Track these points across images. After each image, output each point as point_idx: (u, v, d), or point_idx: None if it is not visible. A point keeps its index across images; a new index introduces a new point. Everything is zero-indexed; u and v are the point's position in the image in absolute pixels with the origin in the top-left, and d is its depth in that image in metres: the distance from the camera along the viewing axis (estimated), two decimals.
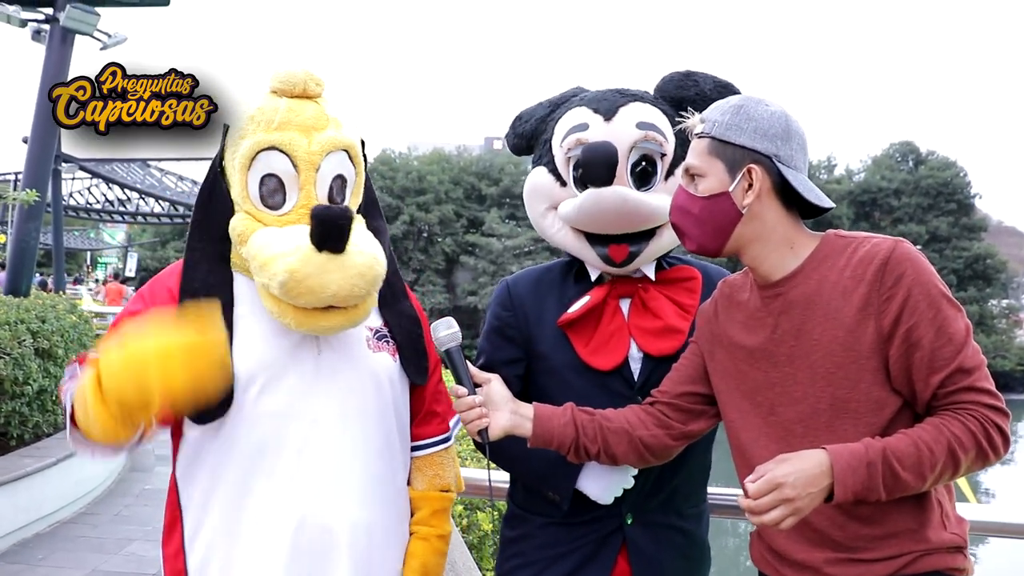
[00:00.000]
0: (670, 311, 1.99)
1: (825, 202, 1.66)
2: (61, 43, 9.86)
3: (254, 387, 1.73)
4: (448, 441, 2.03)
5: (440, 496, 1.99)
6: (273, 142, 1.74)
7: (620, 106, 1.99)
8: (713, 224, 1.67)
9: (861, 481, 1.47)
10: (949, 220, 37.56)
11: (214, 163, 1.81)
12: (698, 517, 2.10)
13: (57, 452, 6.51)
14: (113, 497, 7.30)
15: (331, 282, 1.63)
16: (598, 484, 1.92)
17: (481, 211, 38.34)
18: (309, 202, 1.76)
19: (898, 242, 1.59)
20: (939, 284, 1.57)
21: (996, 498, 17.42)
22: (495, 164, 40.37)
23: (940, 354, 1.53)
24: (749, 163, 1.63)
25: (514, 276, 2.18)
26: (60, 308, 7.68)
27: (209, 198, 1.82)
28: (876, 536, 1.58)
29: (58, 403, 7.09)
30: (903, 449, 1.49)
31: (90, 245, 51.63)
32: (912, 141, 41.39)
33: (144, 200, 27.37)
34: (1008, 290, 40.77)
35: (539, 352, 2.04)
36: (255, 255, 1.69)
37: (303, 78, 1.80)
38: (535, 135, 2.15)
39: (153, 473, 8.19)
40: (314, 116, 1.79)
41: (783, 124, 1.65)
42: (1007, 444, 1.53)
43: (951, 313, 1.55)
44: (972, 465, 1.52)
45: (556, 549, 2.00)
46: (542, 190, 2.08)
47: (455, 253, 37.33)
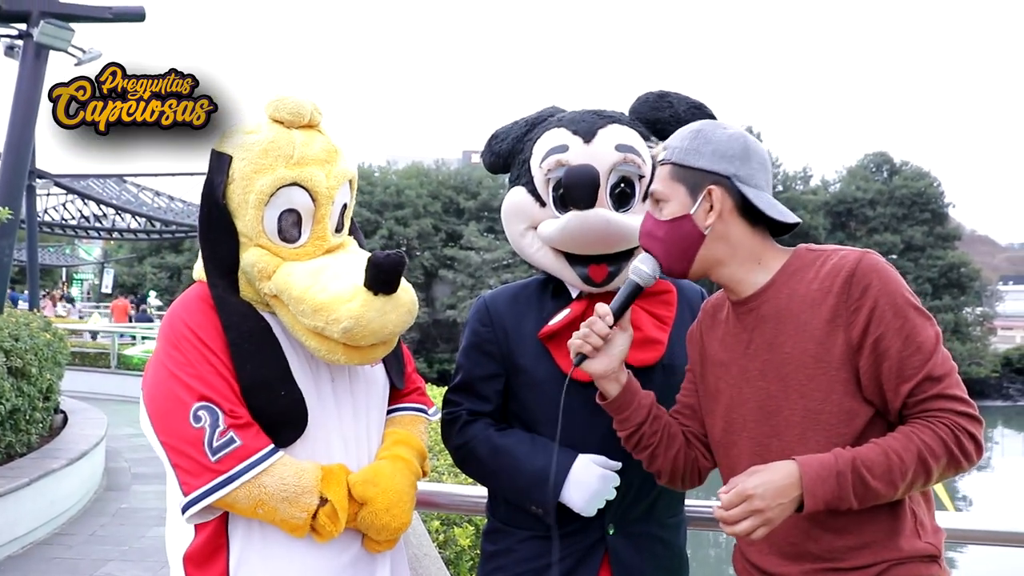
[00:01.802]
0: (648, 323, 2.01)
1: (789, 218, 1.69)
2: (35, 59, 9.79)
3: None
4: (426, 414, 2.12)
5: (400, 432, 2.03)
6: (295, 178, 1.76)
7: (599, 128, 2.01)
8: (678, 247, 1.70)
9: (831, 490, 1.49)
10: (923, 229, 37.89)
11: (212, 193, 1.79)
12: (677, 527, 2.12)
13: (31, 472, 6.44)
14: (89, 517, 7.22)
15: (389, 322, 1.72)
16: (582, 496, 1.92)
17: (459, 225, 38.28)
18: (324, 234, 1.83)
19: (865, 253, 1.60)
20: (906, 293, 1.58)
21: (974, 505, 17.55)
22: (473, 178, 40.33)
23: (909, 363, 1.54)
24: (709, 185, 1.66)
25: (491, 293, 2.20)
26: (34, 326, 7.60)
27: (209, 230, 1.81)
28: (850, 546, 1.59)
29: (32, 422, 7.03)
30: (873, 458, 1.50)
31: (66, 261, 51.10)
32: (886, 152, 41.76)
33: (120, 216, 27.04)
34: (982, 298, 41.00)
35: (519, 366, 2.05)
36: (301, 297, 1.71)
37: (310, 109, 1.83)
38: (512, 154, 2.16)
39: (129, 492, 8.14)
40: (326, 149, 1.83)
41: (741, 145, 1.68)
42: (980, 451, 1.54)
43: (919, 322, 1.56)
44: (945, 472, 1.53)
45: (539, 562, 1.99)
46: (521, 210, 2.09)
47: (434, 267, 37.23)
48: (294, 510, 1.69)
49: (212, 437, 1.65)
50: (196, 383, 1.69)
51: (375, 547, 1.84)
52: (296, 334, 1.77)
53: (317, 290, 1.71)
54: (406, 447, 1.95)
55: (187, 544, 1.77)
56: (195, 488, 1.65)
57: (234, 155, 1.78)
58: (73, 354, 12.03)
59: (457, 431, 2.07)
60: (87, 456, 7.55)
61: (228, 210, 1.79)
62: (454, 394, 2.12)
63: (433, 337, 34.53)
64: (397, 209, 37.87)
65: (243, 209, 1.77)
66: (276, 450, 1.71)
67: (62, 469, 6.86)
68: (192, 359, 1.72)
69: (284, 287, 1.74)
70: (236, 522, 1.76)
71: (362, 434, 1.90)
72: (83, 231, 29.31)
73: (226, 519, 1.76)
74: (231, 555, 1.75)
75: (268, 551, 1.76)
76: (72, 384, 10.23)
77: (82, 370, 15.32)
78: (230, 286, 1.80)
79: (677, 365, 2.00)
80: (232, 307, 1.78)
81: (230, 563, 1.75)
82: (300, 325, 1.74)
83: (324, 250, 1.84)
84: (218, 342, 1.74)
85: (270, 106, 1.82)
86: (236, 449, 1.66)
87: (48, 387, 7.43)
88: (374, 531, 1.79)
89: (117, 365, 16.33)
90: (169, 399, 1.70)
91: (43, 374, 7.11)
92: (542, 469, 1.93)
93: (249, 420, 1.71)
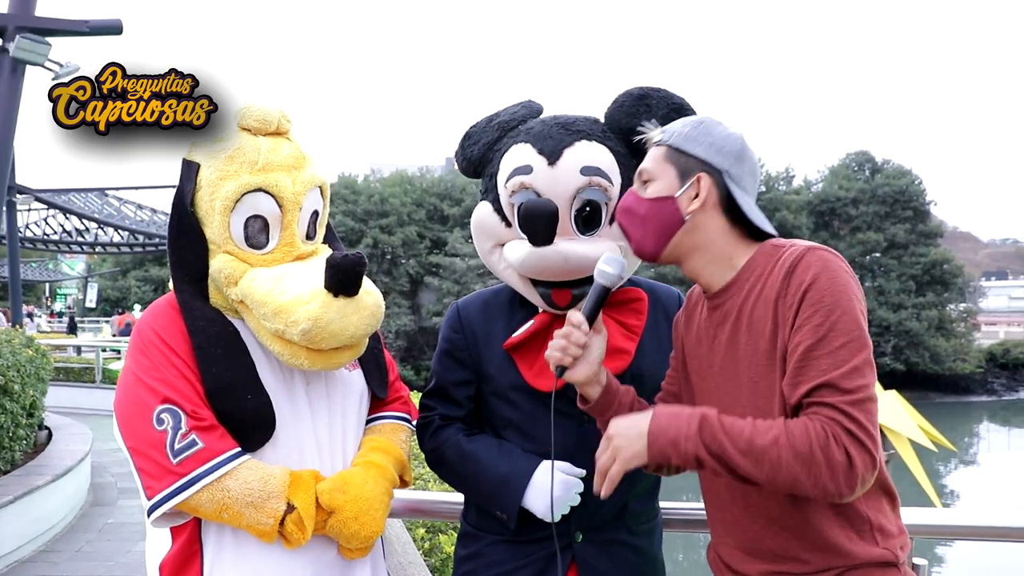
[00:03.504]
0: (616, 332, 1.99)
1: (767, 227, 1.67)
2: (11, 74, 9.75)
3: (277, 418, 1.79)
4: (408, 423, 2.12)
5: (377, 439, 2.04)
6: (260, 184, 1.77)
7: (564, 147, 1.96)
8: (655, 227, 1.69)
9: (673, 427, 1.51)
10: (906, 227, 38.09)
11: (181, 201, 1.80)
12: (650, 533, 2.11)
13: (15, 489, 6.39)
14: (75, 533, 7.16)
15: (350, 324, 1.70)
16: (543, 502, 1.91)
17: (444, 231, 38.28)
18: (292, 240, 1.83)
19: (809, 248, 1.56)
20: (840, 294, 1.49)
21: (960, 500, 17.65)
22: (457, 184, 40.34)
23: (815, 364, 1.47)
24: (700, 172, 1.65)
25: (464, 299, 2.20)
26: (16, 342, 7.54)
27: (178, 237, 1.81)
28: (805, 548, 1.58)
29: (16, 440, 6.98)
30: (732, 421, 1.49)
31: (49, 276, 50.85)
32: (868, 151, 41.87)
33: (103, 230, 26.93)
34: (965, 294, 41.27)
35: (487, 374, 2.06)
36: (263, 300, 1.72)
37: (277, 116, 1.85)
38: (482, 163, 2.14)
39: (116, 507, 8.08)
40: (292, 155, 1.84)
41: (738, 146, 1.68)
42: (852, 478, 1.42)
43: (844, 326, 1.47)
44: (802, 473, 1.43)
45: (504, 567, 2.00)
46: (488, 228, 2.09)
47: (419, 274, 37.22)
48: (260, 515, 1.67)
49: (174, 439, 1.65)
50: (160, 386, 1.69)
51: (349, 554, 1.84)
52: (262, 339, 1.77)
53: (278, 293, 1.71)
54: (382, 454, 1.94)
55: (164, 552, 1.78)
56: (157, 492, 1.64)
57: (202, 163, 1.80)
58: (57, 369, 11.97)
59: (430, 435, 2.09)
60: (72, 472, 7.50)
61: (197, 217, 1.80)
62: (428, 399, 2.13)
63: (420, 344, 34.46)
64: (381, 217, 37.84)
65: (210, 216, 1.78)
66: (241, 453, 1.70)
67: (47, 485, 6.81)
68: (157, 363, 1.72)
69: (248, 291, 1.75)
70: (209, 529, 1.77)
71: (337, 441, 1.89)
72: (66, 246, 29.20)
73: (199, 526, 1.77)
74: (204, 562, 1.76)
75: (241, 557, 1.75)
76: (56, 400, 10.15)
77: (66, 385, 15.23)
78: (199, 293, 1.81)
79: (645, 375, 2.00)
80: (198, 312, 1.79)
81: (204, 570, 1.75)
82: (264, 329, 1.74)
83: (293, 256, 1.84)
84: (183, 346, 1.74)
85: (237, 113, 1.83)
86: (198, 452, 1.65)
87: (31, 403, 7.37)
88: (344, 539, 1.78)
89: (102, 380, 16.21)
90: (134, 403, 1.70)
91: (26, 390, 7.06)
92: (506, 474, 1.95)
93: (213, 423, 1.70)
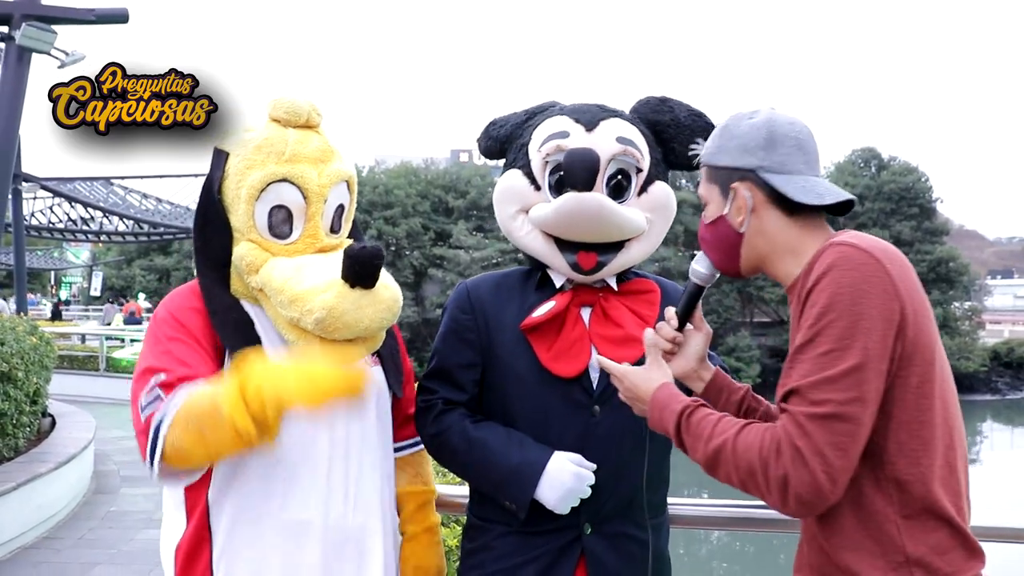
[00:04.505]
0: (630, 321, 1.99)
1: (826, 199, 1.57)
2: (17, 62, 9.75)
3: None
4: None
5: (423, 490, 2.13)
6: (285, 174, 1.79)
7: (601, 119, 2.03)
8: (721, 248, 1.69)
9: (659, 420, 1.63)
10: (911, 224, 38.00)
11: (209, 188, 1.83)
12: (658, 528, 2.08)
13: (17, 476, 6.41)
14: (77, 521, 7.18)
15: (365, 316, 1.70)
16: (555, 494, 1.89)
17: (448, 224, 38.25)
18: (316, 232, 1.84)
19: (831, 244, 1.49)
20: (841, 297, 1.40)
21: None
22: (462, 177, 40.38)
23: (796, 368, 1.42)
24: (733, 182, 1.62)
25: (473, 280, 2.17)
26: (20, 330, 7.55)
27: (204, 224, 1.84)
28: (833, 567, 1.50)
29: (19, 427, 7.00)
30: (699, 419, 1.55)
31: (54, 265, 50.85)
32: (874, 147, 41.78)
33: (108, 219, 26.88)
34: (970, 292, 41.19)
35: (498, 357, 2.02)
36: (280, 288, 1.73)
37: (308, 109, 1.85)
38: (510, 139, 2.15)
39: (119, 495, 8.09)
40: (320, 148, 1.85)
41: (764, 133, 1.60)
42: (785, 495, 1.37)
43: (833, 332, 1.39)
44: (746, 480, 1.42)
45: (513, 560, 1.97)
46: (514, 192, 2.07)
47: (423, 266, 37.20)
48: (221, 434, 1.55)
49: (142, 399, 1.67)
50: (155, 361, 1.71)
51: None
52: (280, 327, 1.77)
53: (295, 281, 1.72)
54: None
55: (178, 536, 1.80)
56: (143, 455, 1.65)
57: (231, 152, 1.83)
58: (61, 357, 11.98)
59: (431, 420, 2.04)
60: (75, 459, 7.51)
61: (223, 205, 1.83)
62: (429, 381, 2.09)
63: (423, 336, 34.40)
64: (386, 209, 37.83)
65: (236, 204, 1.80)
66: (185, 388, 1.64)
67: (50, 473, 6.82)
68: (161, 336, 1.75)
69: (267, 279, 1.76)
70: (219, 511, 1.77)
71: (355, 434, 1.88)
72: (71, 234, 29.22)
73: (207, 509, 1.77)
74: (214, 545, 1.77)
75: (251, 542, 1.76)
76: (60, 387, 10.17)
77: (70, 373, 15.24)
78: (220, 280, 1.83)
79: None
80: (217, 299, 1.81)
81: (213, 553, 1.76)
82: (282, 318, 1.75)
83: (316, 249, 1.84)
84: (198, 321, 1.76)
85: (269, 105, 1.86)
86: (157, 404, 1.64)
87: (35, 391, 7.38)
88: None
89: (106, 368, 16.25)
90: (135, 380, 1.72)
91: (30, 378, 7.07)
92: (516, 464, 1.91)
93: (183, 377, 1.67)
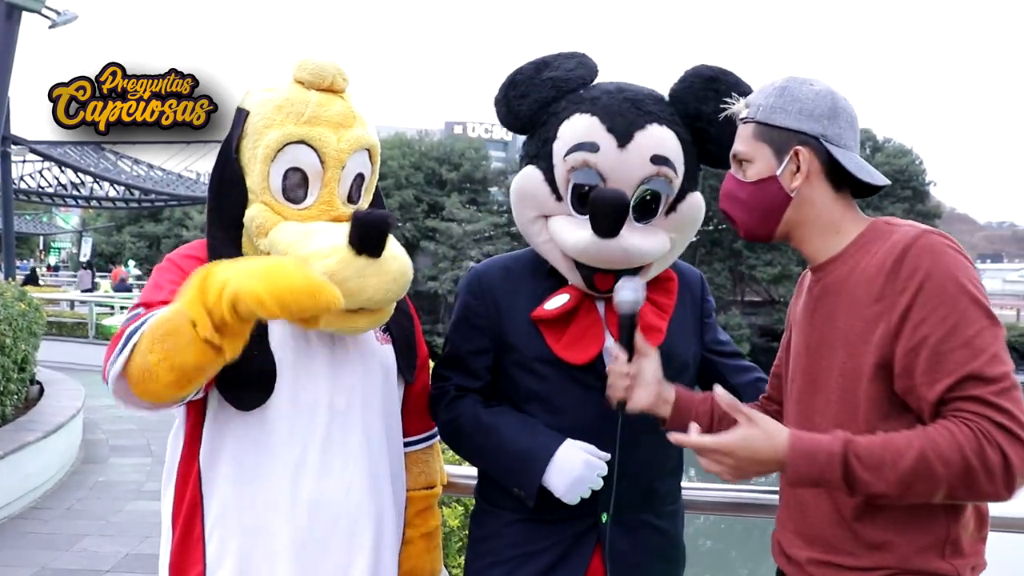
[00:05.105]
0: (648, 309, 1.94)
1: (878, 180, 1.60)
2: (7, 20, 9.54)
3: (284, 377, 1.71)
4: (435, 437, 2.08)
5: (424, 495, 2.06)
6: (303, 136, 1.74)
7: (636, 130, 1.84)
8: (762, 210, 1.64)
9: (817, 470, 1.42)
10: (904, 207, 37.95)
11: (228, 147, 1.80)
12: (674, 516, 2.06)
13: (5, 445, 6.34)
14: (65, 491, 7.11)
15: (368, 286, 1.63)
16: (564, 482, 1.84)
17: (441, 196, 38.06)
18: (332, 199, 1.78)
19: (925, 232, 1.48)
20: (963, 281, 1.42)
21: None
22: (456, 149, 40.19)
23: (950, 357, 1.38)
24: (795, 145, 1.58)
25: (484, 264, 2.11)
26: (8, 296, 7.45)
27: (220, 183, 1.80)
28: (860, 542, 1.51)
29: (7, 395, 6.92)
30: (868, 447, 1.40)
31: (43, 230, 50.57)
32: (870, 128, 41.70)
33: (99, 184, 26.64)
34: None
35: (509, 343, 1.97)
36: (285, 251, 1.68)
37: (332, 72, 1.80)
38: (533, 123, 1.96)
39: (108, 464, 8.04)
40: (342, 113, 1.80)
41: (829, 103, 1.59)
42: (1010, 478, 1.33)
43: (972, 314, 1.39)
44: (958, 484, 1.36)
45: (526, 547, 1.93)
46: (535, 198, 1.95)
47: (415, 238, 37.04)
48: (180, 339, 1.45)
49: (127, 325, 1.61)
50: (145, 297, 1.69)
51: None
52: None
53: (300, 245, 1.67)
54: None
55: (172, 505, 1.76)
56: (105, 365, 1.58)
57: (251, 110, 1.79)
58: (50, 324, 11.88)
59: (445, 406, 2.00)
60: (64, 428, 7.44)
61: (240, 164, 1.79)
62: (443, 368, 2.05)
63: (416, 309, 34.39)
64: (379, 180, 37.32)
65: (252, 164, 1.77)
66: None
67: (38, 442, 6.75)
68: (158, 280, 1.74)
69: (274, 242, 1.72)
70: (212, 480, 1.72)
71: (355, 409, 1.80)
72: (60, 199, 28.91)
73: (199, 479, 1.72)
74: (207, 513, 1.72)
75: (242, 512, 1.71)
76: (49, 354, 10.08)
77: (59, 340, 15.15)
78: (231, 241, 1.79)
79: (676, 353, 1.96)
80: (224, 258, 1.70)
81: (206, 522, 1.72)
82: None
83: (331, 217, 1.77)
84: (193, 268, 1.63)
85: (294, 66, 1.81)
86: (135, 319, 1.59)
87: (23, 358, 7.30)
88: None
89: (95, 335, 16.14)
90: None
91: (18, 344, 6.99)
92: (526, 450, 1.87)
93: (165, 301, 1.59)
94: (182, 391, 1.55)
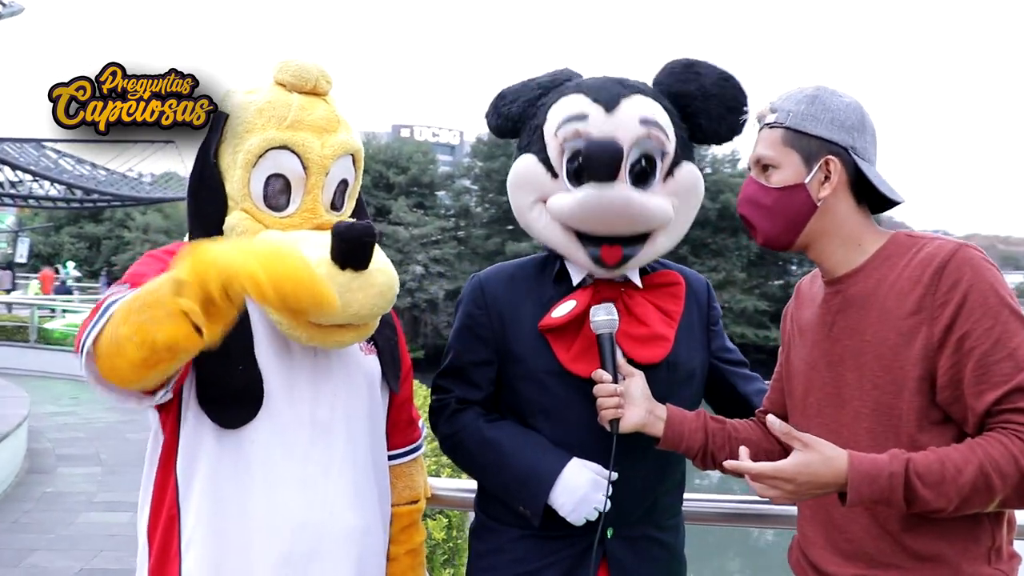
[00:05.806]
0: (656, 318, 1.92)
1: (898, 196, 1.62)
2: None
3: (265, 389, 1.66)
4: (419, 449, 2.05)
5: (408, 510, 2.00)
6: (285, 141, 1.70)
7: (622, 97, 1.86)
8: (786, 217, 1.63)
9: (877, 491, 1.42)
10: None
11: (205, 151, 1.73)
12: (676, 529, 2.05)
13: None
14: (10, 503, 6.87)
15: (354, 301, 1.56)
16: (570, 501, 1.82)
17: (388, 200, 38.04)
18: (315, 206, 1.73)
19: (961, 246, 1.50)
20: (1003, 293, 1.46)
21: None
22: (403, 152, 40.32)
23: (997, 369, 1.41)
24: (827, 155, 1.58)
25: (485, 273, 2.07)
26: None
27: (198, 188, 1.74)
28: (908, 555, 1.51)
29: None
30: (927, 465, 1.41)
31: None
32: None
33: (38, 183, 25.93)
34: None
35: (515, 355, 1.93)
36: None
37: (316, 74, 1.75)
38: (522, 118, 1.99)
39: (55, 475, 7.81)
40: (326, 116, 1.76)
41: (859, 115, 1.61)
42: None
43: (1014, 326, 1.43)
44: (1012, 495, 1.40)
45: (530, 564, 1.90)
46: (530, 180, 1.93)
47: None
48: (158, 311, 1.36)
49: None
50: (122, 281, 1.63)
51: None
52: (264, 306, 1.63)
53: None
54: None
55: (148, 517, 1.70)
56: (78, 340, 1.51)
57: (230, 113, 1.73)
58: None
59: (446, 419, 1.98)
60: (8, 438, 7.23)
61: (219, 169, 1.73)
62: (443, 379, 2.02)
63: None
64: None
65: (232, 170, 1.72)
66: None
67: None
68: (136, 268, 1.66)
69: None
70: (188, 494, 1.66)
71: (339, 422, 1.75)
72: None
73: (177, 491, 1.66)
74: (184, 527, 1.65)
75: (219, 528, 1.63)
76: None
77: None
78: None
79: (681, 362, 1.94)
80: None
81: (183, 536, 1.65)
82: None
83: (314, 225, 1.72)
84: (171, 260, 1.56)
85: (275, 68, 1.76)
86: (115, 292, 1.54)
87: None
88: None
89: (37, 339, 15.64)
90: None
91: None
92: (530, 467, 1.85)
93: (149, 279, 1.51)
94: (148, 373, 1.44)
